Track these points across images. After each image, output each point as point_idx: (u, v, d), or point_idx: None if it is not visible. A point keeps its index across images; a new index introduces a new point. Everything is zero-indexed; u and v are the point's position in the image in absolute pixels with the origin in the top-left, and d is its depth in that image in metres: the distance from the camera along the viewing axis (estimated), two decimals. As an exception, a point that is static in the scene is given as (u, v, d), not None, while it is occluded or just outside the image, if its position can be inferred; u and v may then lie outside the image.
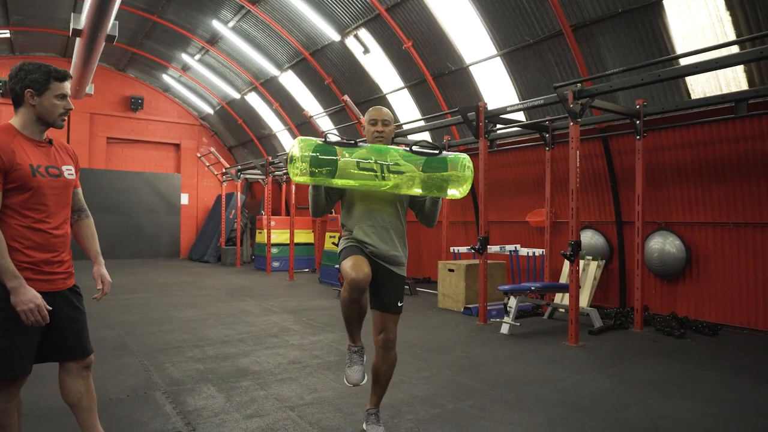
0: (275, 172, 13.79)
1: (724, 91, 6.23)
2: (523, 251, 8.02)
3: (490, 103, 7.33)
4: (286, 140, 16.00)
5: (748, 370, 4.66)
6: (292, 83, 13.62)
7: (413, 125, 9.62)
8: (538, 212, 8.56)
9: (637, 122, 6.43)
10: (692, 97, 6.60)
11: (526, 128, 7.94)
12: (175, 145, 18.66)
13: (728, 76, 6.18)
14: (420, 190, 2.75)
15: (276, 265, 13.49)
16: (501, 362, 4.90)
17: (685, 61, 5.84)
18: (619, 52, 6.97)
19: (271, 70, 13.42)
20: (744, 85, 6.09)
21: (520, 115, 8.33)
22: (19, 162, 2.18)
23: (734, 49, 5.43)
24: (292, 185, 12.58)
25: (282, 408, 3.58)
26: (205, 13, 12.56)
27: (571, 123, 5.70)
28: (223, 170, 16.56)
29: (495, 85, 8.95)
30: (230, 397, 3.78)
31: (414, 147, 2.78)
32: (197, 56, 15.11)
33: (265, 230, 13.27)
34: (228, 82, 15.69)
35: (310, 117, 12.02)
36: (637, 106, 6.46)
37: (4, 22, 13.40)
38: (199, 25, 13.32)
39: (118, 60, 16.62)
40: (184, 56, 15.22)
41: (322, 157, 2.61)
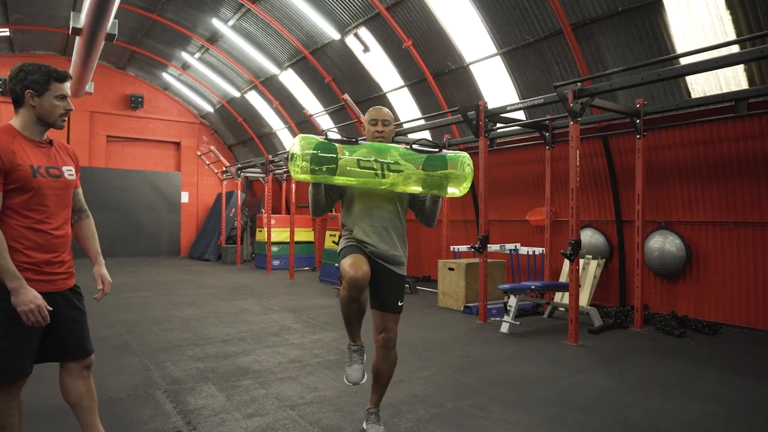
0: (275, 171, 13.79)
1: (724, 90, 6.23)
2: (523, 250, 8.01)
3: (490, 102, 7.33)
4: (287, 139, 16.00)
5: (748, 370, 4.66)
6: (292, 82, 13.61)
7: (413, 124, 9.62)
8: (538, 211, 8.56)
9: (637, 121, 6.43)
10: (692, 96, 6.60)
11: (526, 127, 7.95)
12: (176, 144, 18.67)
13: (728, 76, 6.17)
14: (420, 188, 2.76)
15: (276, 263, 13.50)
16: (501, 361, 4.91)
17: (685, 61, 5.83)
18: (619, 51, 6.97)
19: (271, 68, 13.42)
20: (744, 84, 6.08)
21: (520, 114, 8.33)
22: (20, 163, 2.18)
23: (734, 49, 5.43)
24: (293, 184, 12.59)
25: (282, 407, 3.59)
26: (205, 12, 12.56)
27: (571, 122, 5.70)
28: (224, 168, 16.58)
29: (495, 83, 8.94)
30: (230, 396, 3.79)
31: (414, 145, 2.80)
32: (197, 55, 15.10)
33: (266, 229, 13.28)
34: (228, 81, 15.68)
35: (310, 116, 12.02)
36: (637, 105, 6.46)
37: (3, 21, 13.37)
38: (198, 23, 13.31)
39: (118, 58, 16.61)
40: (184, 55, 15.22)
41: (322, 155, 2.61)
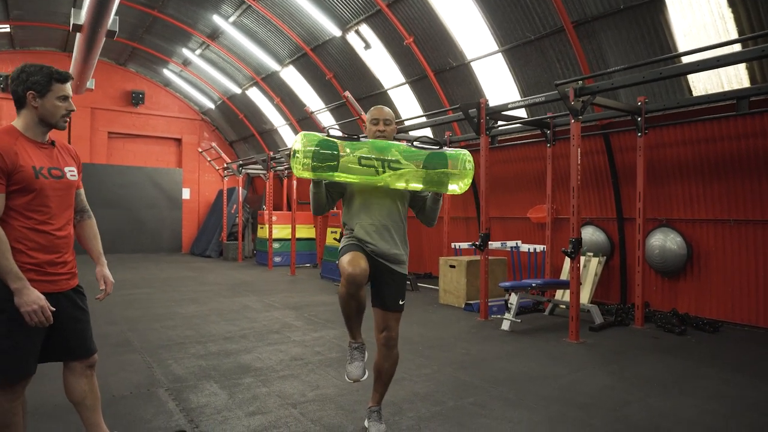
0: (277, 167, 13.79)
1: (726, 88, 6.22)
2: (524, 247, 8.02)
3: (491, 99, 7.32)
4: (288, 135, 15.99)
5: (749, 368, 4.67)
6: (293, 78, 13.59)
7: (415, 121, 9.61)
8: (540, 208, 8.56)
9: (639, 119, 6.42)
10: (694, 95, 6.59)
11: (527, 125, 7.94)
12: (177, 140, 18.66)
13: (730, 74, 6.16)
14: (421, 186, 2.78)
15: (277, 260, 13.51)
16: (502, 359, 4.92)
17: (686, 59, 5.82)
18: (620, 49, 6.95)
19: (272, 65, 13.40)
20: (746, 83, 6.06)
21: (521, 112, 8.31)
22: (22, 164, 2.19)
23: (736, 47, 5.41)
24: (294, 180, 12.58)
25: (284, 405, 3.61)
26: (206, 8, 12.53)
27: (572, 120, 5.69)
28: (225, 165, 16.59)
29: (496, 81, 8.92)
30: (233, 394, 3.80)
31: (415, 142, 2.83)
32: (198, 51, 15.08)
33: (267, 225, 13.29)
34: (229, 77, 15.66)
35: (311, 112, 12.00)
36: (639, 103, 6.45)
37: (4, 17, 13.36)
38: (199, 19, 13.28)
39: (118, 54, 16.59)
40: (185, 51, 15.19)
41: (324, 152, 2.64)
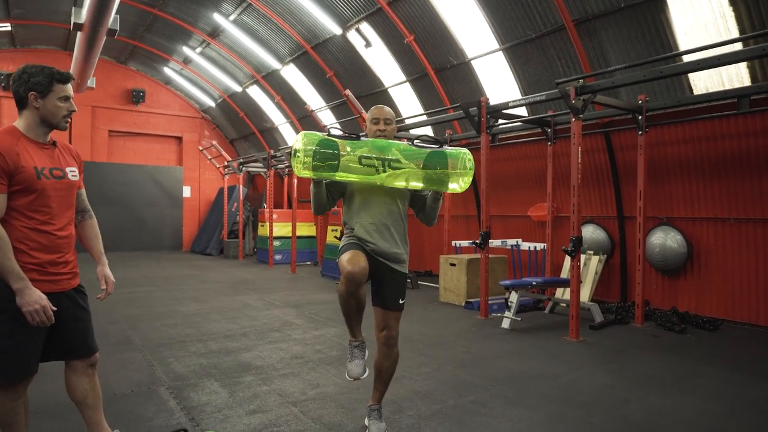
0: (277, 165, 13.80)
1: (727, 87, 6.21)
2: (525, 246, 8.03)
3: (492, 98, 7.32)
4: (288, 133, 16.00)
5: (748, 367, 4.68)
6: (294, 77, 13.59)
7: (415, 120, 9.61)
8: (540, 207, 8.56)
9: (639, 117, 6.42)
10: (695, 93, 6.58)
11: (528, 123, 7.94)
12: (177, 138, 18.67)
13: (731, 72, 6.15)
14: (421, 184, 2.80)
15: (278, 258, 13.52)
16: (502, 357, 4.93)
17: (687, 58, 5.81)
18: (621, 47, 6.95)
19: (273, 63, 13.39)
20: (747, 81, 6.06)
21: (522, 110, 8.31)
22: (24, 164, 2.20)
23: (737, 46, 5.41)
24: (294, 178, 12.59)
25: (284, 403, 3.62)
26: (206, 6, 12.52)
27: (573, 119, 5.69)
28: (225, 163, 16.60)
29: (497, 79, 8.92)
30: (233, 393, 3.82)
31: (416, 141, 2.85)
32: (198, 49, 15.07)
33: (268, 223, 13.30)
34: (229, 75, 15.66)
35: (312, 111, 12.00)
36: (639, 102, 6.45)
37: (5, 16, 13.36)
38: (200, 18, 13.28)
39: (119, 53, 16.59)
40: (186, 49, 15.19)
41: (324, 152, 2.65)
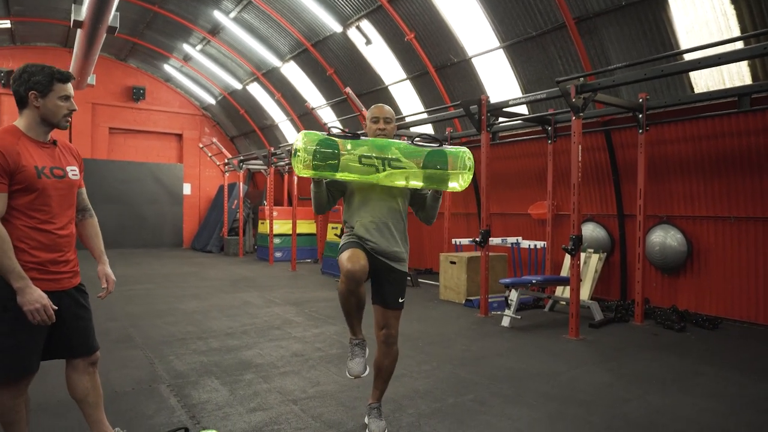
0: (277, 163, 13.79)
1: (728, 85, 6.21)
2: (525, 243, 8.03)
3: (492, 95, 7.31)
4: (289, 131, 15.99)
5: (748, 366, 4.68)
6: (294, 74, 13.57)
7: (416, 117, 9.61)
8: (540, 204, 8.55)
9: (640, 116, 6.42)
10: (695, 91, 6.57)
11: (528, 121, 7.93)
12: (177, 135, 18.65)
13: (732, 71, 6.14)
14: (421, 183, 2.80)
15: (278, 255, 13.53)
16: (502, 356, 4.94)
17: (688, 57, 5.80)
18: (622, 45, 6.93)
19: (273, 60, 13.38)
20: (748, 80, 6.04)
21: (522, 108, 8.30)
22: (24, 164, 2.21)
23: (738, 44, 5.40)
24: (294, 176, 12.59)
25: (285, 401, 3.63)
26: (207, 4, 12.50)
27: (574, 117, 5.69)
28: (226, 160, 16.59)
29: (497, 77, 8.90)
30: (234, 391, 3.83)
31: (415, 140, 2.86)
32: (198, 47, 15.05)
33: (268, 221, 13.31)
34: (230, 73, 15.64)
35: (312, 108, 11.98)
36: (640, 100, 6.44)
37: (4, 13, 13.34)
38: (200, 15, 13.25)
39: (119, 50, 16.56)
40: (186, 46, 15.17)
41: (325, 151, 2.65)
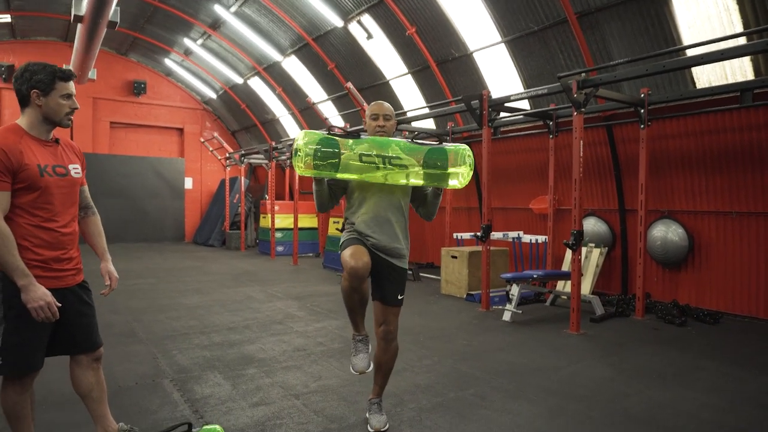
0: (279, 157, 13.79)
1: (730, 80, 6.19)
2: (526, 238, 8.03)
3: (493, 90, 7.30)
4: (290, 125, 15.98)
5: (748, 360, 4.69)
6: (295, 68, 13.54)
7: (417, 112, 9.59)
8: (542, 199, 8.55)
9: (642, 111, 6.40)
10: (697, 86, 6.55)
11: (530, 116, 7.92)
12: (179, 130, 18.65)
13: (734, 66, 6.12)
14: (421, 181, 2.82)
15: (280, 249, 13.55)
16: (503, 350, 4.96)
17: (691, 52, 5.78)
18: (624, 40, 6.91)
19: (274, 55, 13.35)
20: (750, 75, 6.03)
21: (524, 103, 8.29)
22: (27, 162, 2.22)
23: (741, 40, 5.38)
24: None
25: (287, 396, 3.65)
26: (207, -2, 12.48)
27: (575, 112, 5.68)
28: (227, 155, 16.59)
29: (499, 71, 8.88)
30: (236, 385, 3.85)
31: (415, 138, 2.86)
32: (199, 41, 15.02)
33: (269, 215, 13.31)
34: (231, 67, 15.61)
35: (313, 103, 11.97)
36: (642, 95, 6.42)
37: (4, 7, 13.31)
38: (201, 9, 13.21)
39: (119, 44, 16.53)
40: (186, 41, 15.13)
41: (325, 150, 2.67)
